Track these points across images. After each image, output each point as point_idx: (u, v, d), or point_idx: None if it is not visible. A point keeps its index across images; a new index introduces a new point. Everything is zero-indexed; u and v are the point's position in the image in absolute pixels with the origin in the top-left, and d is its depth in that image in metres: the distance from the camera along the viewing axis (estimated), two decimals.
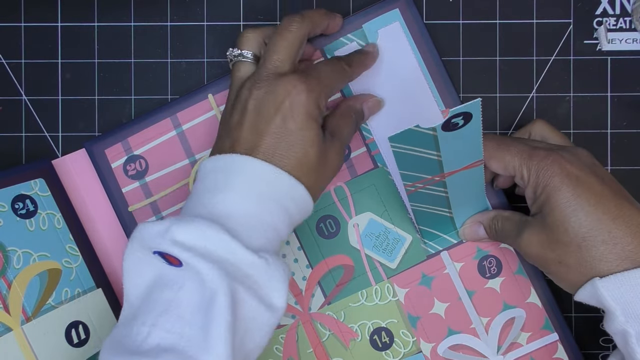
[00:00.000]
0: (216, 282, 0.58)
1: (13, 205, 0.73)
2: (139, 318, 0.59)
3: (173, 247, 0.59)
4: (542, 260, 0.67)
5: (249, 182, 0.63)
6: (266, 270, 0.61)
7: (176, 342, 0.57)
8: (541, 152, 0.66)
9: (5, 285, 0.70)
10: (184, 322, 0.58)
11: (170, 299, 0.59)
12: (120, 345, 0.58)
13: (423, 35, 0.77)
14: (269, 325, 0.62)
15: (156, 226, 0.61)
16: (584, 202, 0.64)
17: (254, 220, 0.63)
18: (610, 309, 0.62)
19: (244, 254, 0.60)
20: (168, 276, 0.60)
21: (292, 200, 0.65)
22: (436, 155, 0.65)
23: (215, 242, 0.59)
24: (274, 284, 0.62)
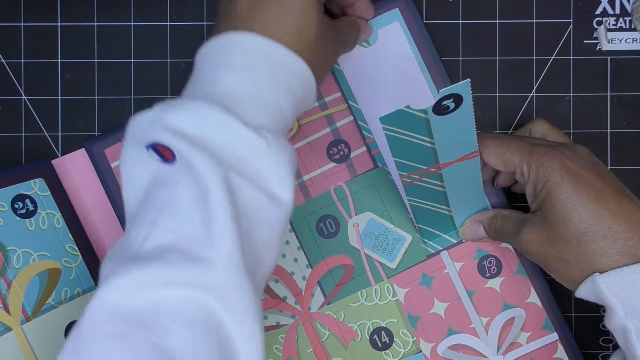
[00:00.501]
0: (209, 175, 0.53)
1: (13, 205, 0.73)
2: (136, 222, 0.56)
3: (165, 134, 0.54)
4: (543, 258, 0.67)
5: (244, 58, 0.58)
6: (267, 153, 0.56)
7: (177, 242, 0.53)
8: (541, 149, 0.67)
9: (5, 285, 0.70)
10: (184, 220, 0.54)
11: (166, 198, 0.55)
12: (120, 253, 0.55)
13: (423, 35, 0.77)
14: (276, 220, 0.57)
15: (148, 114, 0.56)
16: (585, 199, 0.64)
17: (254, 98, 0.58)
18: (610, 304, 0.63)
19: (241, 131, 0.55)
20: (164, 175, 0.56)
21: (294, 76, 0.60)
22: (430, 142, 0.65)
23: (209, 121, 0.54)
24: (275, 170, 0.56)
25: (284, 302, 0.79)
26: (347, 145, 0.79)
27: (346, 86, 0.78)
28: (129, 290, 0.51)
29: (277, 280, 0.79)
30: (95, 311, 0.51)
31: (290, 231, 0.79)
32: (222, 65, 0.58)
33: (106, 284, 0.52)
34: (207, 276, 0.52)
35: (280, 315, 0.79)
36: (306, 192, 0.79)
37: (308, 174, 0.79)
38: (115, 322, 0.51)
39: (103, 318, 0.51)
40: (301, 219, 0.79)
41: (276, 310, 0.79)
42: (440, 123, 0.62)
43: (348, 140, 0.79)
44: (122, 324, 0.51)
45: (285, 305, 0.79)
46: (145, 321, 0.51)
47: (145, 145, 0.55)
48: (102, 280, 0.53)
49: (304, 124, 0.79)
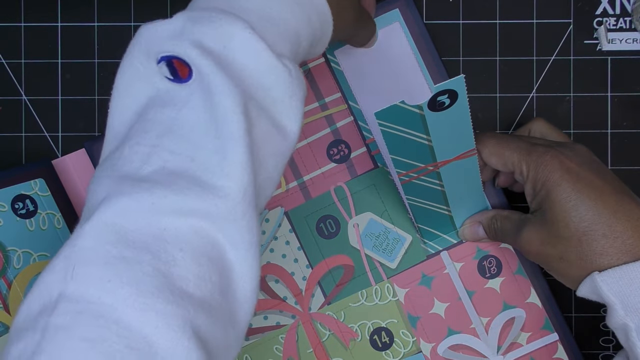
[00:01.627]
0: (230, 99, 0.49)
1: (13, 205, 0.73)
2: (131, 139, 0.51)
3: (193, 49, 0.49)
4: (543, 257, 0.68)
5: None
6: (288, 84, 0.53)
7: (185, 166, 0.50)
8: (540, 148, 0.67)
9: (5, 285, 0.70)
10: (193, 144, 0.50)
11: (172, 118, 0.51)
12: (113, 169, 0.51)
13: (423, 35, 0.77)
14: (282, 152, 0.55)
15: (167, 25, 0.51)
16: (585, 197, 0.64)
17: (277, 19, 0.54)
18: (610, 303, 0.63)
19: (269, 59, 0.51)
20: (169, 94, 0.52)
21: (316, 10, 0.57)
22: (426, 139, 0.65)
23: (238, 43, 0.51)
24: (291, 102, 0.54)
25: (284, 302, 0.79)
26: (347, 145, 0.79)
27: (346, 86, 0.78)
28: (136, 214, 0.48)
29: (277, 280, 0.79)
30: (96, 231, 0.48)
31: (290, 231, 0.79)
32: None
33: (107, 204, 0.48)
34: (217, 205, 0.49)
35: (280, 315, 0.79)
36: (306, 192, 0.79)
37: (308, 174, 0.79)
38: (119, 245, 0.47)
39: (106, 239, 0.47)
40: (301, 219, 0.79)
41: (276, 310, 0.79)
42: (436, 119, 0.63)
43: (348, 141, 0.79)
44: (128, 248, 0.47)
45: (285, 305, 0.79)
46: (150, 247, 0.48)
47: (158, 58, 0.51)
48: (102, 200, 0.49)
49: (304, 124, 0.79)
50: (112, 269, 0.47)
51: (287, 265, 0.79)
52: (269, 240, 0.79)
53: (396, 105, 0.61)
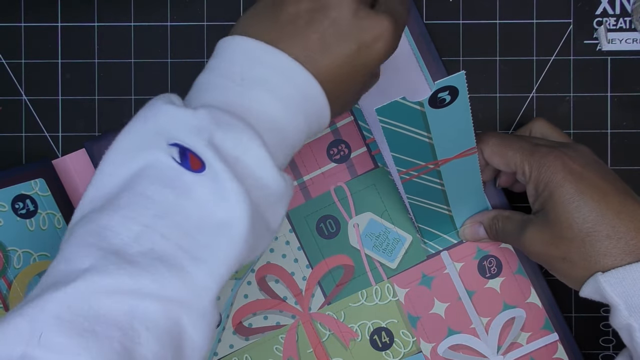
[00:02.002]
0: (239, 210, 0.52)
1: (13, 205, 0.73)
2: (123, 210, 0.52)
3: (208, 150, 0.51)
4: (546, 258, 0.68)
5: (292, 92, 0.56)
6: (283, 192, 0.56)
7: (173, 253, 0.51)
8: (543, 149, 0.67)
9: (5, 285, 0.70)
10: (186, 234, 0.52)
11: (171, 202, 0.52)
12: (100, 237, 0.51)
13: (423, 35, 0.77)
14: (263, 247, 0.58)
15: (191, 118, 0.53)
16: (588, 198, 0.64)
17: (285, 134, 0.56)
18: (614, 303, 0.63)
19: (272, 173, 0.54)
20: (169, 173, 0.52)
21: (317, 125, 0.60)
22: (427, 136, 0.65)
23: (251, 157, 0.53)
24: (281, 205, 0.57)
25: (283, 302, 0.79)
26: (347, 145, 0.79)
27: None
28: (112, 293, 0.50)
29: (277, 281, 0.79)
30: (72, 301, 0.49)
31: (290, 231, 0.79)
32: (266, 81, 0.56)
33: (89, 278, 0.49)
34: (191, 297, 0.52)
35: (280, 315, 0.79)
36: (306, 192, 0.79)
37: (308, 174, 0.79)
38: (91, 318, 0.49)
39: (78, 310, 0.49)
40: (301, 219, 0.79)
41: (276, 310, 0.79)
42: (436, 116, 0.63)
43: (348, 140, 0.79)
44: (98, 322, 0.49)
45: (285, 305, 0.79)
46: (120, 324, 0.49)
47: (172, 142, 0.53)
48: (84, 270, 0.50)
49: None
50: (83, 342, 0.48)
51: (287, 265, 0.79)
52: None
53: (397, 101, 0.61)
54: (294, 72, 0.56)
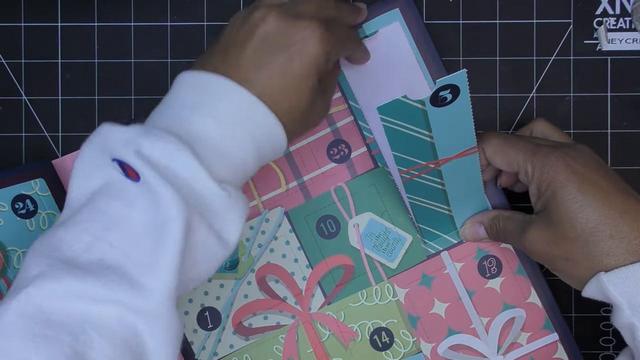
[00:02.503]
0: (174, 209, 0.54)
1: (13, 205, 0.73)
2: (79, 224, 0.56)
3: (137, 159, 0.55)
4: (549, 258, 0.68)
5: (231, 112, 0.60)
6: (227, 205, 0.58)
7: (122, 261, 0.54)
8: (545, 149, 0.67)
9: (5, 285, 0.70)
10: (132, 242, 0.55)
11: (119, 213, 0.55)
12: (53, 249, 0.55)
13: (423, 35, 0.77)
14: (217, 260, 0.60)
15: (123, 132, 0.57)
16: (591, 198, 0.64)
17: (225, 151, 0.59)
18: (616, 302, 0.63)
19: (208, 183, 0.57)
20: (120, 187, 0.56)
21: (269, 141, 0.62)
22: (428, 136, 0.65)
23: (181, 165, 0.56)
24: (231, 217, 0.59)
25: (284, 302, 0.79)
26: (347, 145, 0.79)
27: (346, 86, 0.78)
28: (62, 298, 0.52)
29: (277, 280, 0.79)
30: (22, 307, 0.51)
31: (290, 231, 0.79)
32: (205, 106, 0.60)
33: (39, 283, 0.52)
34: (142, 302, 0.54)
35: (280, 315, 0.79)
36: (306, 192, 0.79)
37: (308, 174, 0.79)
38: (42, 323, 0.51)
39: (30, 316, 0.51)
40: (301, 219, 0.79)
41: (276, 310, 0.79)
42: (437, 115, 0.63)
43: (348, 140, 0.79)
44: (49, 327, 0.51)
45: (285, 305, 0.79)
46: (71, 328, 0.52)
47: (112, 158, 0.57)
48: (33, 276, 0.53)
49: None
50: (32, 346, 0.50)
51: (287, 265, 0.79)
52: (269, 240, 0.79)
53: (398, 99, 0.61)
54: (231, 93, 0.60)
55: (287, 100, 0.62)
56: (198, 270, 0.59)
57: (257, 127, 0.61)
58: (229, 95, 0.60)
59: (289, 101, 0.62)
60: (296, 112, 0.63)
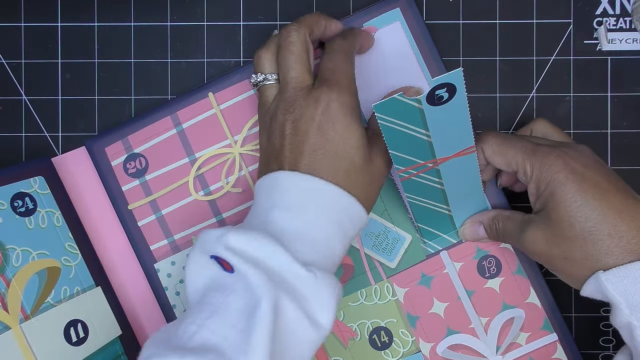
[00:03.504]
0: (261, 288, 0.58)
1: (12, 203, 0.73)
2: (187, 318, 0.60)
3: (225, 251, 0.61)
4: (548, 257, 0.68)
5: (298, 197, 0.64)
6: (313, 285, 0.61)
7: (219, 344, 0.57)
8: (544, 149, 0.67)
9: (4, 283, 0.70)
10: (229, 326, 0.58)
11: (220, 303, 0.60)
12: (165, 341, 0.59)
13: (423, 35, 0.77)
14: (311, 342, 0.62)
15: (215, 231, 0.63)
16: (590, 197, 0.64)
17: (306, 236, 0.63)
18: (615, 301, 0.63)
19: (292, 266, 0.60)
20: (221, 280, 0.62)
21: (344, 213, 0.65)
22: (425, 134, 0.65)
23: (265, 251, 0.60)
24: (320, 300, 0.61)
25: None
26: None
27: None
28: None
29: None
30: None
31: None
32: (278, 203, 0.64)
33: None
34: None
35: None
36: None
37: None
38: None
39: None
40: None
41: None
42: (434, 114, 0.63)
43: None
44: None
45: None
46: None
47: (209, 255, 0.62)
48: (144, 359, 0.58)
49: None
50: None
51: None
52: None
53: (395, 98, 0.61)
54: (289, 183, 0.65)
55: (341, 167, 0.66)
56: (292, 353, 0.61)
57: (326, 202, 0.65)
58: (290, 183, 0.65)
59: (343, 166, 0.66)
60: (354, 173, 0.66)
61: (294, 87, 0.67)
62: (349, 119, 0.66)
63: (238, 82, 0.79)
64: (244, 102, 0.79)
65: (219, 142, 0.80)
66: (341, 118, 0.65)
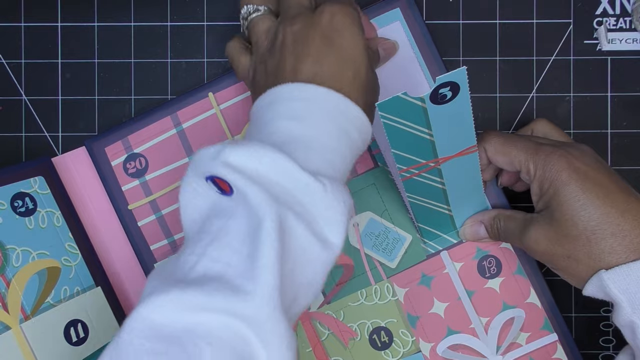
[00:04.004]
0: (263, 208, 0.54)
1: (12, 203, 0.73)
2: (187, 249, 0.57)
3: (223, 168, 0.55)
4: (550, 256, 0.68)
5: (304, 105, 0.60)
6: (322, 198, 0.56)
7: (223, 271, 0.54)
8: (547, 148, 0.67)
9: (4, 283, 0.70)
10: (232, 251, 0.55)
11: (219, 228, 0.56)
12: (166, 273, 0.56)
13: (423, 35, 0.77)
14: (322, 263, 0.57)
15: (211, 148, 0.58)
16: (593, 196, 0.64)
17: (312, 142, 0.58)
18: (617, 300, 0.63)
19: (298, 174, 0.56)
20: (220, 205, 0.57)
21: (351, 123, 0.61)
22: (428, 133, 0.65)
23: (267, 163, 0.55)
24: (330, 215, 0.57)
25: None
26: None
27: None
28: (168, 309, 0.52)
29: None
30: (135, 325, 0.52)
31: None
32: (282, 114, 0.60)
33: (147, 300, 0.53)
34: (244, 306, 0.52)
35: None
36: None
37: None
38: (152, 339, 0.52)
39: (142, 333, 0.52)
40: None
41: None
42: (437, 113, 0.63)
43: None
44: (159, 341, 0.52)
45: None
46: (180, 340, 0.52)
47: (205, 177, 0.57)
48: (144, 296, 0.54)
49: None
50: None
51: None
52: None
53: (398, 96, 0.61)
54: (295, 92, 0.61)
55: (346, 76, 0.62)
56: (305, 275, 0.57)
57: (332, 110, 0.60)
58: (295, 93, 0.61)
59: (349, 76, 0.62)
60: (359, 83, 0.63)
61: (298, 2, 0.65)
62: (355, 29, 0.63)
63: (238, 82, 0.79)
64: (244, 102, 0.79)
65: (219, 142, 0.79)
66: (348, 26, 0.63)
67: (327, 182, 0.56)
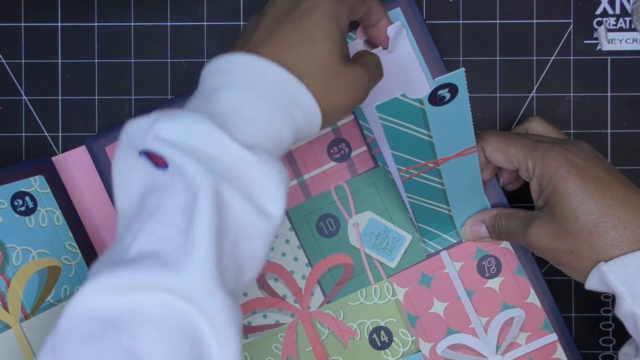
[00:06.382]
0: (198, 180, 0.53)
1: (12, 202, 0.73)
2: (128, 230, 0.55)
3: (156, 142, 0.54)
4: (553, 252, 0.68)
5: (250, 79, 0.58)
6: (259, 170, 0.55)
7: (157, 247, 0.53)
8: (545, 145, 0.67)
9: (4, 282, 0.70)
10: (168, 226, 0.53)
11: (155, 204, 0.54)
12: (105, 257, 0.55)
13: (424, 35, 0.77)
14: (264, 234, 0.56)
15: (142, 121, 0.56)
16: (592, 190, 0.65)
17: (251, 115, 0.57)
18: (618, 292, 0.63)
19: (232, 148, 0.54)
20: (156, 181, 0.55)
21: (297, 104, 0.59)
22: (427, 135, 0.65)
23: (201, 136, 0.54)
24: (267, 186, 0.56)
25: (283, 300, 0.79)
26: (347, 144, 0.79)
27: None
28: (101, 294, 0.52)
29: (276, 279, 0.79)
30: (71, 312, 0.52)
31: (290, 229, 0.79)
32: (228, 83, 0.58)
33: (83, 286, 0.52)
34: (176, 281, 0.52)
35: (280, 314, 0.79)
36: (306, 191, 0.79)
37: (308, 172, 0.79)
38: (89, 323, 0.51)
39: (78, 318, 0.51)
40: (301, 218, 0.79)
41: (275, 308, 0.79)
42: (436, 114, 0.63)
43: (348, 139, 0.79)
44: (96, 325, 0.51)
45: (284, 304, 0.79)
46: (118, 323, 0.51)
47: (138, 152, 0.56)
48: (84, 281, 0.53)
49: None
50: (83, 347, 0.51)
51: (287, 264, 0.79)
52: None
53: (397, 98, 0.61)
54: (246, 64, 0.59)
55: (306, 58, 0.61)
56: (247, 248, 0.56)
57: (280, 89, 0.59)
58: (244, 64, 0.59)
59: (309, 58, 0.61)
60: (317, 69, 0.61)
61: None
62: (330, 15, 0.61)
63: None
64: None
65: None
66: (323, 12, 0.61)
67: (263, 155, 0.56)
